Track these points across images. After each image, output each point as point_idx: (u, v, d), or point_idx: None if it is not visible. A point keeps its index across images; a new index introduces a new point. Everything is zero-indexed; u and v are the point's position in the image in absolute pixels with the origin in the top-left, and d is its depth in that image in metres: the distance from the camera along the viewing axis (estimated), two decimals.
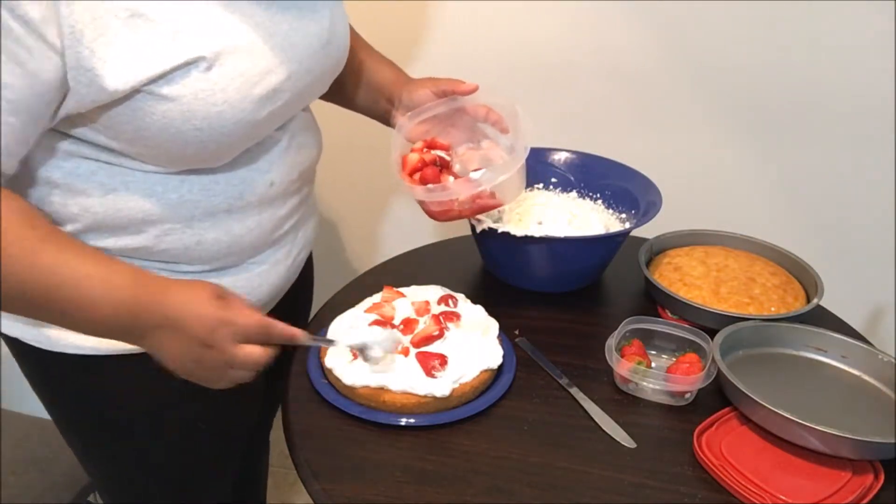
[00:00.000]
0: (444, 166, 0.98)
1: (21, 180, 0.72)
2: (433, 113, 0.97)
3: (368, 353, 0.82)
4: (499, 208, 1.12)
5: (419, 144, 0.99)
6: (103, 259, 0.69)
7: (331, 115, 1.04)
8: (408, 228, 1.56)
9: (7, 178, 0.67)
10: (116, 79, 0.64)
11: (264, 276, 0.88)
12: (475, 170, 0.95)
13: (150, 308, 0.68)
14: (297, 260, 0.94)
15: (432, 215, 0.96)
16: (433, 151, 0.98)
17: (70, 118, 0.69)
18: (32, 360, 0.85)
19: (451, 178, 0.96)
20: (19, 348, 0.84)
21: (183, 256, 0.80)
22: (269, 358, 0.72)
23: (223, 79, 0.70)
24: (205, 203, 0.78)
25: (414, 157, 0.96)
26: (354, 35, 1.02)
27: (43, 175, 0.73)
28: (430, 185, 0.93)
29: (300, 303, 1.08)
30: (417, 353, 0.85)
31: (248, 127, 0.74)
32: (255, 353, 0.70)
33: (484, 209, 0.96)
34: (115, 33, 0.63)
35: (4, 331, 0.84)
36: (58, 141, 0.72)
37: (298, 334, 0.74)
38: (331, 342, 0.83)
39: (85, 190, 0.74)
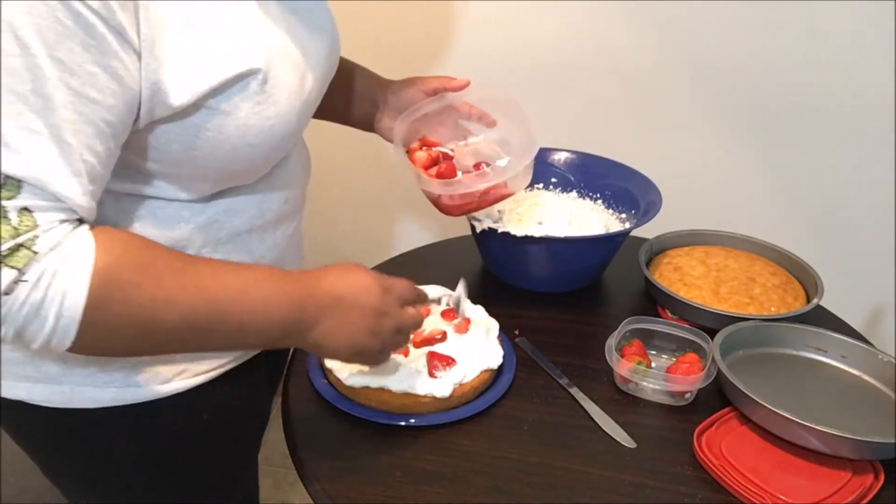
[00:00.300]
0: (448, 161, 0.98)
1: None
2: (425, 111, 0.97)
3: (462, 304, 0.89)
4: (499, 208, 1.13)
5: (415, 144, 0.99)
6: (249, 264, 0.69)
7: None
8: (407, 229, 1.56)
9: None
10: (178, 91, 0.60)
11: None
12: (478, 165, 0.97)
13: (314, 294, 0.68)
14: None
15: (447, 210, 0.96)
16: (434, 148, 0.99)
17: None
18: (35, 424, 0.79)
19: (459, 173, 0.97)
20: (22, 413, 0.78)
21: None
22: (422, 319, 0.77)
23: (275, 90, 0.67)
24: (228, 225, 0.76)
25: (422, 155, 0.97)
26: None
27: None
28: (453, 178, 0.94)
29: None
30: (427, 352, 0.85)
31: (290, 140, 0.73)
32: (415, 313, 0.75)
33: (498, 200, 0.97)
34: (175, 43, 0.59)
35: (4, 394, 0.76)
36: None
37: (423, 292, 0.79)
38: (437, 301, 0.90)
39: (108, 218, 0.69)
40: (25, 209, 0.54)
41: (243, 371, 0.84)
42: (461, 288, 0.91)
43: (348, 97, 1.01)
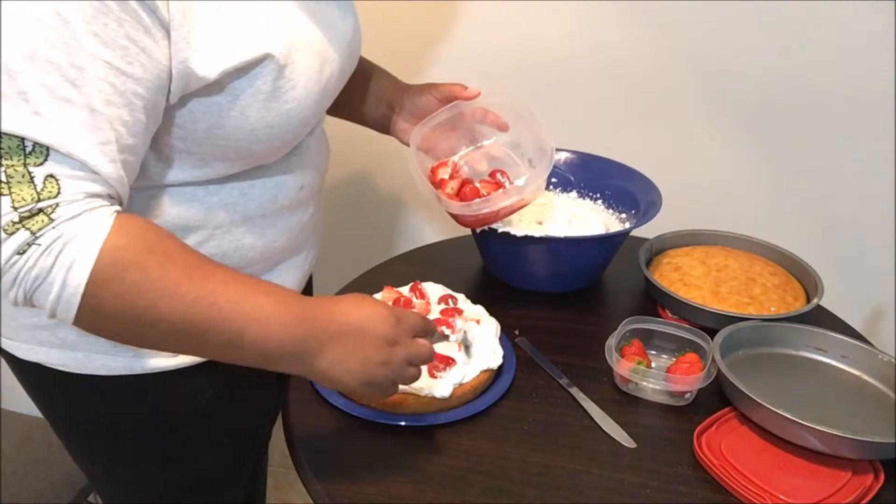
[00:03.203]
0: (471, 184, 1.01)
1: None
2: (440, 120, 0.98)
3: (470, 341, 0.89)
4: None
5: (444, 171, 1.01)
6: (260, 279, 0.67)
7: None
8: (407, 228, 1.56)
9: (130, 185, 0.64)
10: (206, 66, 0.63)
11: (287, 282, 0.88)
12: (493, 174, 1.00)
13: (323, 320, 0.66)
14: (311, 264, 0.95)
15: (468, 224, 1.00)
16: (458, 166, 1.02)
17: None
18: (50, 385, 0.83)
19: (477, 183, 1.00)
20: (40, 375, 0.82)
21: (221, 261, 0.78)
22: (434, 353, 0.74)
23: (294, 75, 0.69)
24: (242, 207, 0.78)
25: (454, 185, 0.99)
26: None
27: None
28: (474, 201, 0.96)
29: None
30: None
31: (310, 124, 0.75)
32: (427, 346, 0.72)
33: (514, 211, 0.99)
34: (202, 22, 0.62)
35: (26, 356, 0.81)
36: None
37: (433, 325, 0.76)
38: (445, 338, 0.87)
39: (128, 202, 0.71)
40: (51, 176, 0.56)
41: None
42: (471, 327, 0.90)
43: (365, 97, 1.03)
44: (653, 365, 0.90)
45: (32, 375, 0.84)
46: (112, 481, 0.93)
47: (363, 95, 1.03)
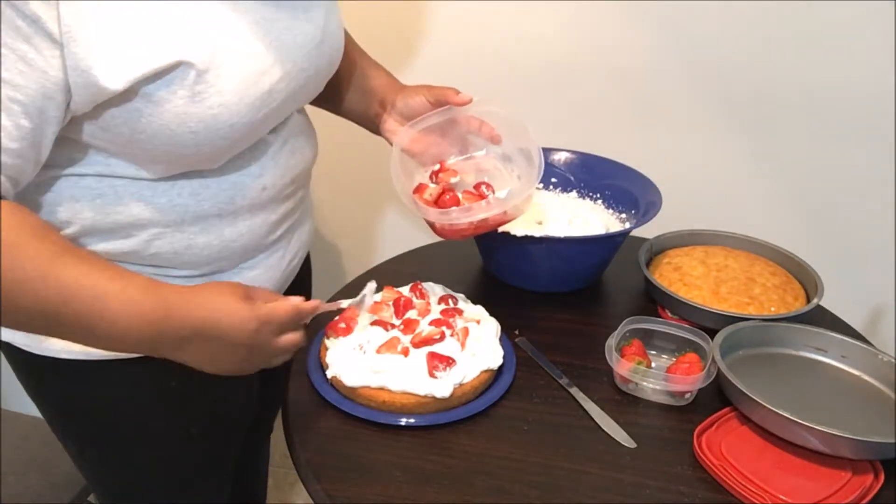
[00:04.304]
0: (452, 193, 0.97)
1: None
2: (429, 123, 0.95)
3: (365, 301, 0.86)
4: None
5: (437, 167, 0.97)
6: (120, 272, 0.66)
7: (327, 114, 1.04)
8: (407, 228, 1.56)
9: (21, 185, 0.66)
10: (111, 78, 0.63)
11: (257, 282, 0.87)
12: (478, 185, 0.95)
13: (176, 321, 0.66)
14: (291, 264, 0.93)
15: (444, 235, 0.93)
16: (441, 175, 0.97)
17: (72, 120, 0.68)
18: (23, 363, 0.85)
19: (460, 195, 0.95)
20: (11, 353, 0.85)
21: (173, 261, 0.79)
22: (303, 340, 0.75)
23: (220, 80, 0.69)
24: (194, 207, 0.77)
25: (435, 190, 0.95)
26: (348, 38, 1.01)
27: (33, 182, 0.71)
28: (451, 209, 0.90)
29: None
30: (427, 352, 0.85)
31: (245, 129, 0.73)
32: (295, 338, 0.73)
33: (497, 226, 0.94)
34: (107, 32, 0.62)
35: None
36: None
37: (318, 305, 0.77)
38: (339, 306, 0.85)
39: (74, 196, 0.73)
40: None
41: None
42: (368, 288, 0.86)
43: (360, 94, 1.02)
44: (653, 365, 0.90)
45: (8, 355, 0.85)
46: (86, 465, 0.95)
47: (355, 94, 1.02)
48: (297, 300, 0.73)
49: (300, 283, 1.02)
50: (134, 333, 0.65)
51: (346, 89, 1.02)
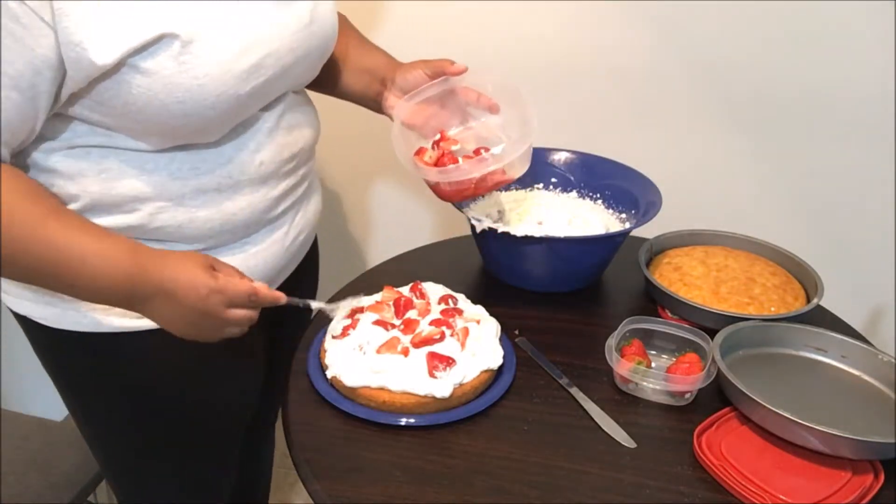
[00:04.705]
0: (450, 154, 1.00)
1: (21, 164, 0.75)
2: (427, 95, 0.98)
3: (331, 315, 0.90)
4: (499, 208, 1.13)
5: (437, 137, 1.01)
6: (104, 234, 0.73)
7: (334, 107, 1.05)
8: (407, 228, 1.56)
9: (13, 153, 0.72)
10: (101, 53, 0.67)
11: (260, 256, 0.90)
12: (478, 150, 0.98)
13: (145, 279, 0.73)
14: (296, 241, 0.96)
15: (446, 196, 0.98)
16: (442, 144, 1.00)
17: (70, 97, 0.71)
18: (39, 337, 0.88)
19: (460, 159, 0.98)
20: (27, 325, 0.87)
21: (176, 234, 0.82)
22: (256, 318, 0.80)
23: (204, 52, 0.72)
24: (194, 181, 0.80)
25: (433, 155, 0.98)
26: (346, 23, 1.05)
27: (42, 158, 0.76)
28: (449, 166, 0.95)
29: (304, 287, 1.08)
30: (427, 352, 0.85)
31: (232, 101, 0.76)
32: (246, 315, 0.78)
33: (497, 185, 0.98)
34: (96, 8, 0.66)
35: (14, 308, 0.87)
36: (55, 124, 0.75)
37: (280, 297, 0.81)
38: (306, 304, 0.88)
39: (81, 170, 0.76)
40: None
41: None
42: (346, 303, 0.92)
43: (361, 75, 1.04)
44: (653, 365, 0.90)
45: (26, 327, 0.88)
46: (92, 439, 0.97)
47: (359, 74, 1.04)
48: (258, 284, 0.78)
49: (306, 270, 1.03)
50: (110, 289, 0.73)
51: (344, 70, 1.03)
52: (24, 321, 0.88)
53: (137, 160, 0.78)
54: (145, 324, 0.81)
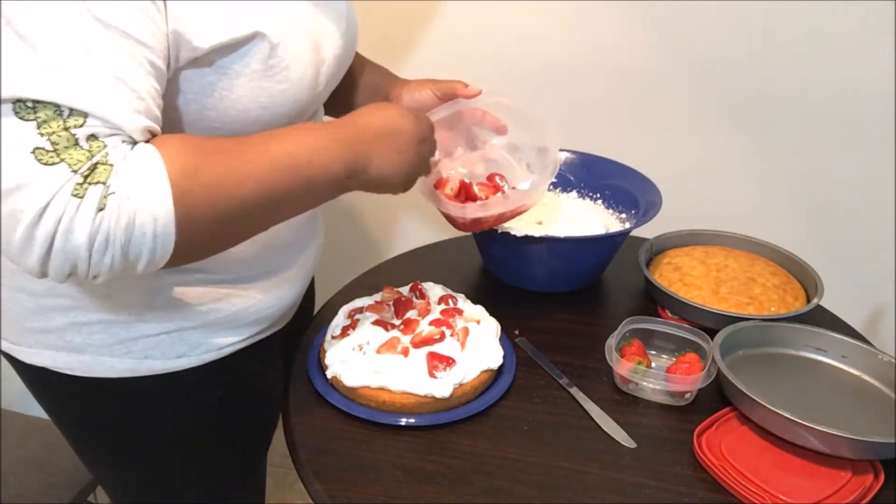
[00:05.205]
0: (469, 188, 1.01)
1: None
2: (438, 117, 0.96)
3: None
4: None
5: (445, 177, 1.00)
6: (294, 127, 0.72)
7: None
8: (407, 228, 1.56)
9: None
10: (199, 37, 0.64)
11: (295, 279, 0.90)
12: (491, 177, 1.00)
13: (362, 131, 0.74)
14: (317, 258, 0.96)
15: (463, 228, 0.98)
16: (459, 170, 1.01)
17: None
18: (56, 388, 0.84)
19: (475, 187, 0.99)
20: (43, 378, 0.82)
21: (213, 261, 0.78)
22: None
23: (288, 56, 0.70)
24: None
25: (455, 184, 0.98)
26: None
27: None
28: (473, 203, 0.96)
29: (304, 312, 1.07)
30: (427, 352, 0.85)
31: (301, 108, 0.76)
32: (433, 139, 0.84)
33: (514, 216, 0.98)
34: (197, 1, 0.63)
35: (30, 361, 0.81)
36: None
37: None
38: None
39: None
40: (93, 136, 0.57)
41: (258, 348, 0.87)
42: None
43: (362, 91, 1.03)
44: (653, 365, 0.90)
45: (39, 379, 0.84)
46: (124, 485, 0.94)
47: (359, 90, 1.03)
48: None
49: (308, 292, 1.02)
50: (339, 164, 0.71)
51: (349, 87, 1.02)
52: (38, 375, 0.82)
53: None
54: (180, 364, 0.80)
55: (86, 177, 0.55)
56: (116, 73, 0.57)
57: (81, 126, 0.56)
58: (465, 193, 0.98)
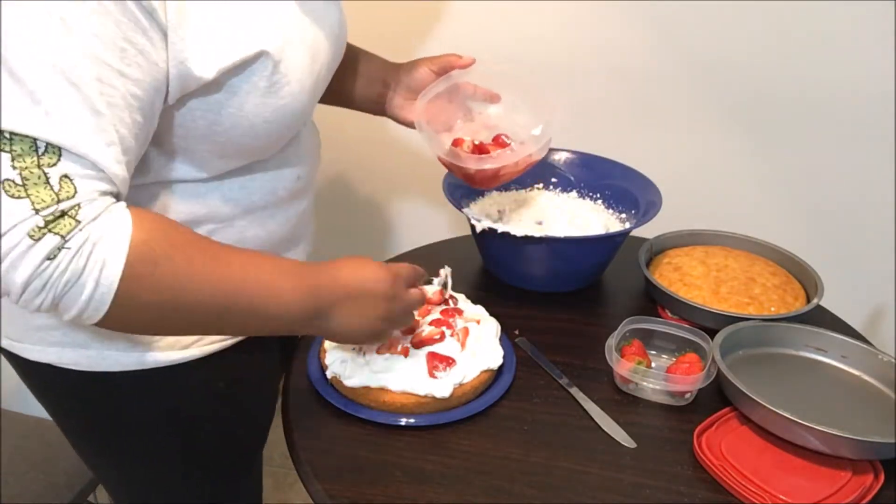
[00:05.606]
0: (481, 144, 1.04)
1: None
2: (438, 90, 0.99)
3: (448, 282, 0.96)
4: (499, 208, 1.13)
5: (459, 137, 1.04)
6: (270, 256, 0.72)
7: (331, 109, 1.05)
8: (407, 228, 1.56)
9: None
10: (203, 67, 0.64)
11: None
12: (497, 137, 1.03)
13: (328, 286, 0.73)
14: (308, 254, 0.96)
15: (479, 183, 1.01)
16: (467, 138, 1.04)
17: None
18: (61, 384, 0.83)
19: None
20: (47, 374, 0.82)
21: None
22: (424, 296, 0.85)
23: (289, 70, 0.71)
24: (245, 201, 0.80)
25: (470, 143, 1.02)
26: None
27: None
28: (494, 153, 0.98)
29: None
30: (427, 353, 0.85)
31: (302, 118, 0.77)
32: (419, 293, 0.82)
33: (530, 166, 1.00)
34: (198, 23, 0.63)
35: (34, 357, 0.81)
36: None
37: (422, 271, 0.84)
38: (430, 282, 0.93)
39: (139, 202, 0.72)
40: (66, 176, 0.57)
41: (257, 344, 0.87)
42: (445, 271, 0.96)
43: (357, 79, 1.04)
44: (653, 365, 0.90)
45: (41, 377, 0.84)
46: (126, 481, 0.94)
47: (355, 78, 1.04)
48: (406, 264, 0.82)
49: None
50: (298, 306, 0.71)
51: (344, 76, 1.03)
52: (41, 372, 0.82)
53: (191, 187, 0.76)
54: (185, 354, 0.81)
55: (48, 222, 0.56)
56: (96, 108, 0.57)
57: (55, 165, 0.56)
58: (478, 152, 1.01)
